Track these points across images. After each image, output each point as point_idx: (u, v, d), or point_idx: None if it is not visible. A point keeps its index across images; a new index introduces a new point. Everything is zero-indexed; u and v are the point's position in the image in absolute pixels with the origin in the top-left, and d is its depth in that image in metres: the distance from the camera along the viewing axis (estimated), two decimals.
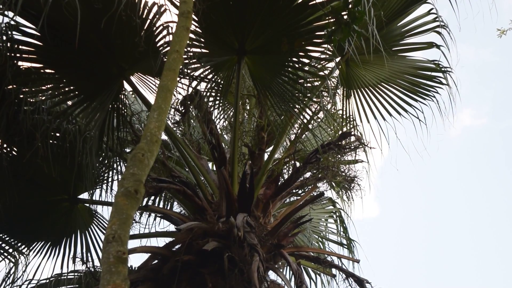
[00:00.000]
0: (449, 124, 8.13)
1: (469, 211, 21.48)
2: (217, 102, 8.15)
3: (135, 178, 2.95)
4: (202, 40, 7.20)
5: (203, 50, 7.33)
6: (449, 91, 8.08)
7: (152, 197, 9.07)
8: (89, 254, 8.66)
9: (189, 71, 7.40)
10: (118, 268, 2.59)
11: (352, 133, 8.27)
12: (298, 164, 8.17)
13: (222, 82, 7.76)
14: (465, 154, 22.41)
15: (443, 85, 8.20)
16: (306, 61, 7.51)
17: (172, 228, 8.01)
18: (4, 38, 6.49)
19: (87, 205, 8.62)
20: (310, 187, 8.03)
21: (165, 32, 6.90)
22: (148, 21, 6.76)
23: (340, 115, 8.66)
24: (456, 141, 22.56)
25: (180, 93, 7.80)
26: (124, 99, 7.64)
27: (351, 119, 8.53)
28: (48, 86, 7.30)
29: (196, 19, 6.75)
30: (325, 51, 7.23)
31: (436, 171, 21.99)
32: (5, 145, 7.57)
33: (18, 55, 6.74)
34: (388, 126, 8.34)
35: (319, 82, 7.92)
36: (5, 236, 8.45)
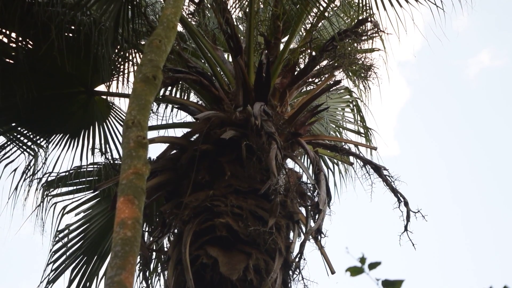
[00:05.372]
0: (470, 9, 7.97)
1: (486, 153, 21.30)
2: None
3: (152, 64, 2.95)
4: None
5: None
6: None
7: (169, 88, 9.06)
8: (107, 146, 8.73)
9: None
10: (138, 153, 2.63)
11: (369, 19, 8.15)
12: (314, 53, 8.11)
13: None
14: (483, 96, 22.03)
15: None
16: None
17: (189, 119, 8.06)
18: None
19: (104, 97, 8.62)
20: (326, 75, 8.00)
21: None
22: None
23: (356, 3, 8.51)
24: (474, 82, 22.22)
25: None
26: None
27: (368, 7, 8.39)
28: None
29: None
30: None
31: (453, 112, 21.72)
32: (20, 38, 7.55)
33: None
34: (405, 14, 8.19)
35: None
36: (24, 129, 8.49)
